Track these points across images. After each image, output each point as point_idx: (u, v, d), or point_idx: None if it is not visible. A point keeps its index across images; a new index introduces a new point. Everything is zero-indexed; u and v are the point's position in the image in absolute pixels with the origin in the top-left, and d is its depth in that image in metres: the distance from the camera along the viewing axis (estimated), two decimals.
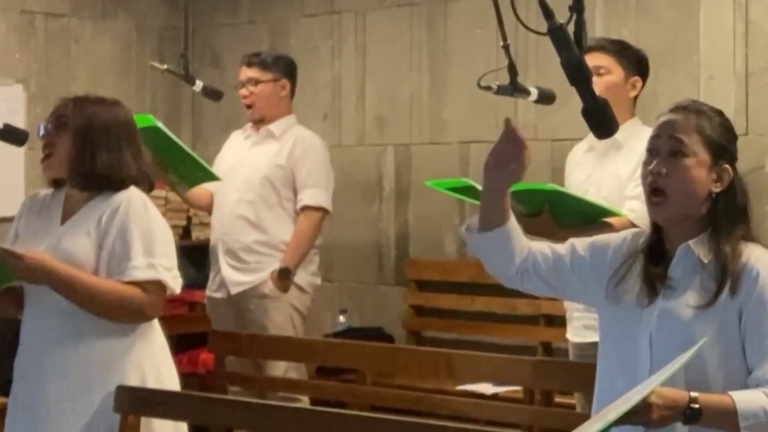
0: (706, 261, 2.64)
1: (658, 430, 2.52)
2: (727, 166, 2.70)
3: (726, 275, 2.61)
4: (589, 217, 3.90)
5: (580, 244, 2.88)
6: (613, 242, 2.83)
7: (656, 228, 2.75)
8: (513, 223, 2.87)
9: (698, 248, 2.66)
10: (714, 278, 2.62)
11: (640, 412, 2.43)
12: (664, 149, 2.69)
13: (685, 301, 2.63)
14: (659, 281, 2.68)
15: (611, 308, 2.76)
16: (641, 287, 2.69)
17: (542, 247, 2.90)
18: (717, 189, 2.69)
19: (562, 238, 4.01)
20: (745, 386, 2.58)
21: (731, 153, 2.73)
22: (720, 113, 2.76)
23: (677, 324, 2.62)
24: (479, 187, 3.72)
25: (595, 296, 2.81)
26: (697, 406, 2.47)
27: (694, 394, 2.49)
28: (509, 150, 2.75)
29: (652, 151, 2.73)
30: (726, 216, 2.68)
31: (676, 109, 2.74)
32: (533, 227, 3.82)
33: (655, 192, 2.69)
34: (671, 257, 2.70)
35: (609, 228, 3.91)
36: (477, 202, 3.94)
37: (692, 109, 2.73)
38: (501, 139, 2.77)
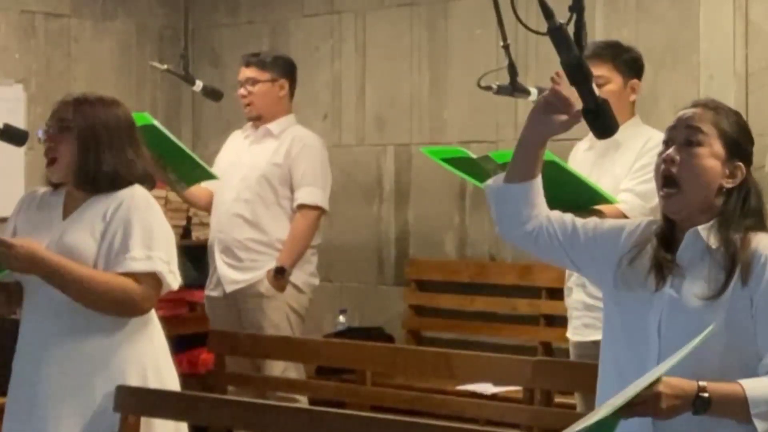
0: (714, 247, 2.64)
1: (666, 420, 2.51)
2: (740, 164, 2.71)
3: (735, 264, 2.61)
4: (580, 203, 3.89)
5: (597, 223, 2.87)
6: (627, 226, 2.84)
7: (668, 222, 2.75)
8: (540, 180, 2.86)
9: (706, 234, 2.66)
10: (722, 267, 2.62)
11: (647, 402, 2.41)
12: (679, 138, 2.70)
13: (694, 292, 2.63)
14: (667, 266, 2.67)
15: (619, 293, 2.75)
16: (650, 272, 2.69)
17: (562, 215, 2.89)
18: (729, 184, 2.69)
19: None
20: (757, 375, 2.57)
21: (746, 153, 2.73)
22: (737, 114, 2.77)
23: (686, 314, 2.61)
24: (474, 156, 3.72)
25: (602, 276, 2.81)
26: (706, 394, 2.46)
27: (702, 383, 2.47)
28: (559, 104, 2.74)
29: (668, 141, 2.73)
30: (737, 210, 2.68)
31: (695, 104, 2.76)
32: None
33: (667, 182, 2.69)
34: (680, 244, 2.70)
35: (599, 215, 3.91)
36: (471, 179, 3.94)
37: (711, 105, 2.75)
38: (550, 94, 2.75)
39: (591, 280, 3.07)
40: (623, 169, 4.14)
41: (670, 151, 2.70)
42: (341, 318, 6.45)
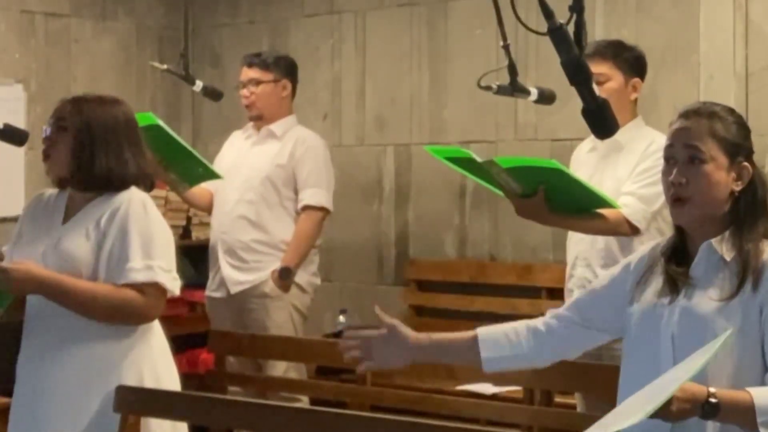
0: (728, 258, 2.66)
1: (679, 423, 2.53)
2: (745, 163, 2.71)
3: (747, 271, 2.62)
4: (582, 206, 3.89)
5: (597, 280, 2.92)
6: (633, 258, 2.86)
7: (679, 231, 2.76)
8: (483, 336, 2.95)
9: (721, 246, 2.67)
10: (736, 274, 2.64)
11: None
12: (681, 157, 2.69)
13: (707, 296, 2.64)
14: (681, 280, 2.69)
15: (633, 311, 2.77)
16: (662, 287, 2.71)
17: (559, 308, 2.95)
18: (738, 188, 2.70)
19: (552, 223, 4.03)
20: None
21: (747, 149, 2.74)
22: (731, 111, 2.76)
23: (699, 320, 2.63)
24: (479, 159, 3.73)
25: (622, 313, 2.82)
26: (715, 400, 2.47)
27: (712, 389, 2.48)
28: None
29: (669, 159, 2.73)
30: (748, 213, 2.69)
31: (687, 114, 2.73)
32: (525, 209, 3.81)
33: (678, 200, 2.69)
34: (693, 258, 2.70)
35: (601, 219, 3.91)
36: (475, 178, 3.95)
37: (703, 112, 2.72)
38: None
39: (619, 332, 3.05)
40: (626, 172, 4.13)
41: (675, 173, 2.69)
42: (341, 318, 6.44)
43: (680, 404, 2.44)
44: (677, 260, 2.73)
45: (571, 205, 3.86)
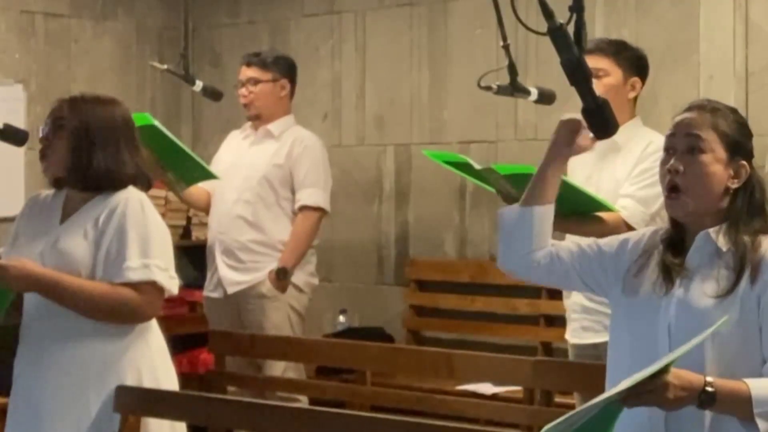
0: (724, 249, 2.66)
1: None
2: (743, 162, 2.72)
3: (745, 264, 2.63)
4: (581, 210, 3.89)
5: (602, 240, 2.90)
6: (632, 237, 2.86)
7: (675, 224, 2.76)
8: (553, 208, 2.89)
9: (717, 237, 2.68)
10: (732, 268, 2.64)
11: (655, 391, 2.43)
12: (681, 147, 2.71)
13: (703, 291, 2.65)
14: (676, 270, 2.69)
15: (628, 300, 2.77)
16: (658, 276, 2.71)
17: (566, 243, 2.93)
18: (734, 185, 2.71)
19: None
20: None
21: (747, 150, 2.75)
22: (734, 111, 2.78)
23: (696, 314, 2.63)
24: (476, 166, 3.72)
25: (612, 289, 2.83)
26: (711, 389, 2.48)
27: (709, 378, 2.50)
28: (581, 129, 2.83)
29: (669, 149, 2.74)
30: (744, 210, 2.70)
31: (691, 108, 2.76)
32: None
33: (673, 189, 2.70)
34: (689, 248, 2.71)
35: (600, 222, 3.91)
36: (474, 180, 3.95)
37: (707, 107, 2.75)
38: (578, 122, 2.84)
39: (600, 293, 3.06)
40: (623, 173, 4.13)
41: (673, 161, 2.71)
42: (341, 318, 6.45)
43: (677, 392, 2.45)
44: (673, 251, 2.73)
45: (570, 209, 3.86)
